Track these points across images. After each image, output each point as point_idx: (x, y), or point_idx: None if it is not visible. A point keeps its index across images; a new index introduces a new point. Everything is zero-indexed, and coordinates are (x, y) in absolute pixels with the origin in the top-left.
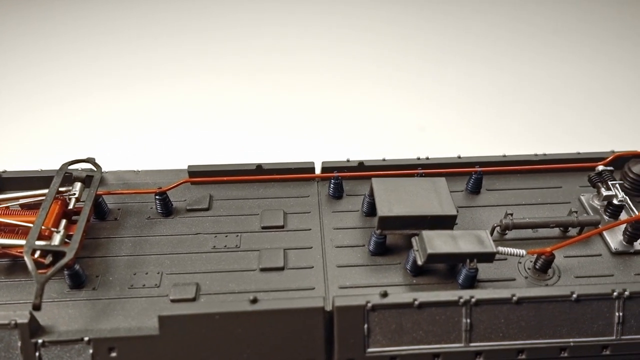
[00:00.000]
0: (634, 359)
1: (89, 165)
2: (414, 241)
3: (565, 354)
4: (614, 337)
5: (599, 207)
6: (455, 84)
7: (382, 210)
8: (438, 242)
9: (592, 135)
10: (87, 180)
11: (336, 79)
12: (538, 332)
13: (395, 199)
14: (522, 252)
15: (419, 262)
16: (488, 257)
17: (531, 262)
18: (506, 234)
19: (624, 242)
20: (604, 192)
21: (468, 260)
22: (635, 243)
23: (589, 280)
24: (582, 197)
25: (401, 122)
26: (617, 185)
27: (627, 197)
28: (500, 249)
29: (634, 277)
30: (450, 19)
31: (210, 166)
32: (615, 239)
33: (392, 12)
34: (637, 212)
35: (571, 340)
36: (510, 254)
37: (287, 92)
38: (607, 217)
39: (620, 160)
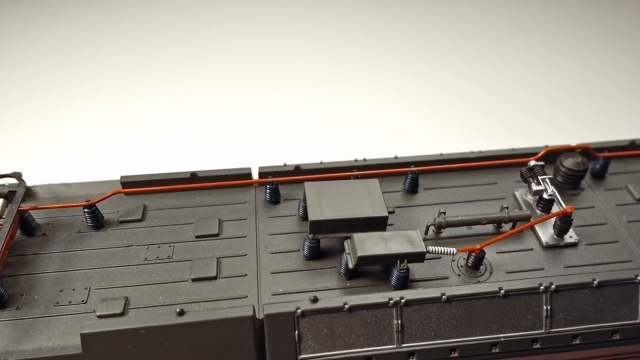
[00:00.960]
0: (564, 350)
1: (14, 180)
2: (346, 244)
3: (497, 350)
4: (543, 331)
5: (532, 202)
6: (393, 84)
7: (313, 214)
8: (369, 244)
9: (530, 130)
10: (9, 195)
11: (283, 78)
12: (469, 329)
13: (327, 203)
14: (453, 250)
15: (350, 266)
16: (418, 257)
17: (464, 259)
18: (441, 232)
19: (555, 236)
20: (534, 187)
21: (398, 261)
22: (565, 236)
23: (519, 275)
24: (516, 193)
25: (340, 123)
26: (547, 180)
27: (556, 191)
28: (431, 248)
29: (564, 269)
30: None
31: (143, 176)
32: (546, 233)
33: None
34: (564, 206)
35: (502, 335)
36: (441, 253)
37: (224, 95)
38: (539, 212)
39: (553, 155)
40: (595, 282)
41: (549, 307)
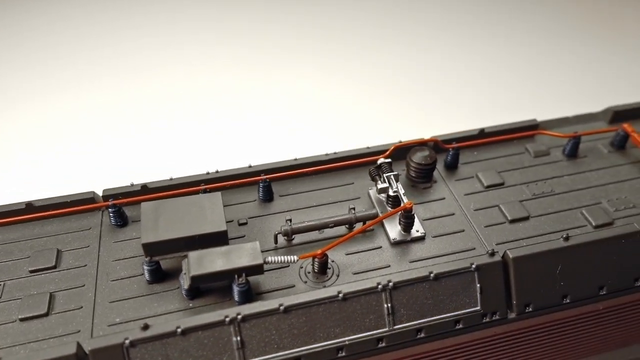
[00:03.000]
0: (410, 345)
1: None
2: (184, 264)
3: (343, 353)
4: (387, 329)
5: (384, 199)
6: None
7: (146, 236)
8: (206, 261)
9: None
10: None
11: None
12: (312, 337)
13: (164, 222)
14: (294, 258)
15: (185, 286)
16: (257, 270)
17: (311, 265)
18: (293, 239)
19: (402, 232)
20: (380, 185)
21: (236, 276)
22: (412, 230)
23: (366, 275)
24: (370, 192)
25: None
26: (392, 177)
27: (400, 188)
28: (270, 258)
29: (409, 264)
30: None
31: None
32: (394, 229)
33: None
34: (404, 202)
35: (346, 339)
36: (281, 262)
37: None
38: (390, 209)
39: (402, 151)
40: (432, 275)
41: (389, 305)
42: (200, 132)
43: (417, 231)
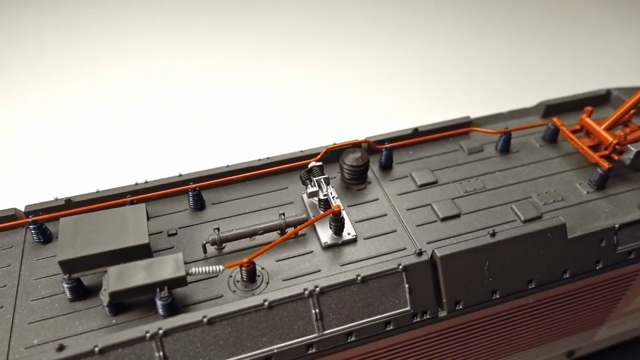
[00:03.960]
0: (341, 349)
1: None
2: (104, 280)
3: None
4: (316, 334)
5: (316, 203)
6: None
7: (63, 253)
8: (126, 276)
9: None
10: None
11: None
12: (239, 347)
13: (83, 238)
14: (219, 268)
15: (104, 303)
16: (180, 282)
17: (240, 274)
18: (223, 247)
19: (333, 235)
20: (309, 189)
21: (159, 289)
22: (343, 233)
23: (296, 280)
24: (303, 196)
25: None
26: (322, 180)
27: (331, 191)
28: (194, 269)
29: (340, 268)
30: None
31: None
32: (326, 233)
33: None
34: (333, 205)
35: (274, 347)
36: (206, 273)
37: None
38: (322, 212)
39: (337, 153)
40: (359, 278)
41: (317, 311)
42: (131, 142)
43: (349, 234)
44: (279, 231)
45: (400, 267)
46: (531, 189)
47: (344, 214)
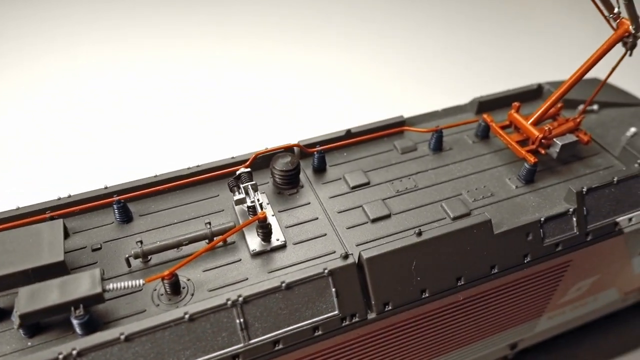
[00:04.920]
0: (268, 357)
1: None
2: (16, 301)
3: None
4: (241, 344)
5: (246, 211)
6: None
7: None
8: (38, 296)
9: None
10: None
11: None
12: None
13: None
14: (139, 282)
15: (15, 326)
16: (96, 299)
17: (164, 287)
18: (149, 260)
19: (262, 242)
20: (235, 197)
21: (73, 308)
22: (272, 239)
23: (222, 290)
24: (234, 203)
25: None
26: (250, 187)
27: (261, 197)
28: (112, 285)
29: (267, 275)
30: None
31: None
32: (254, 240)
33: None
34: (259, 212)
35: None
36: (126, 288)
37: None
38: None
39: (268, 158)
40: (284, 284)
41: (242, 320)
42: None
43: (278, 240)
44: (207, 241)
45: (326, 271)
46: (462, 186)
47: (273, 220)
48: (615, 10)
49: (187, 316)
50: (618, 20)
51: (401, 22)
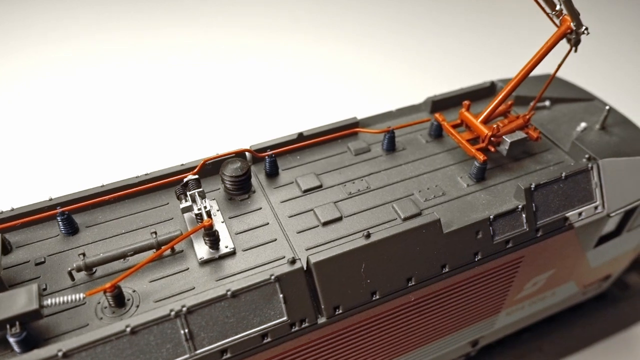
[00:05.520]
0: None
1: None
2: None
3: None
4: (187, 355)
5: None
6: None
7: None
8: None
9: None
10: None
11: None
12: None
13: None
14: (80, 296)
15: None
16: (33, 316)
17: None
18: (94, 272)
19: (210, 250)
20: (182, 205)
21: (9, 326)
22: (221, 246)
23: (168, 300)
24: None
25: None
26: (197, 194)
27: (209, 204)
28: (50, 301)
29: (216, 283)
30: None
31: None
32: (202, 248)
33: None
34: (205, 219)
35: None
36: (66, 302)
37: None
38: None
39: (218, 164)
40: (229, 292)
41: (187, 331)
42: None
43: (227, 247)
44: (154, 250)
45: (273, 277)
46: (414, 186)
47: (223, 226)
48: (557, 7)
49: (128, 329)
50: (560, 17)
51: (357, 22)
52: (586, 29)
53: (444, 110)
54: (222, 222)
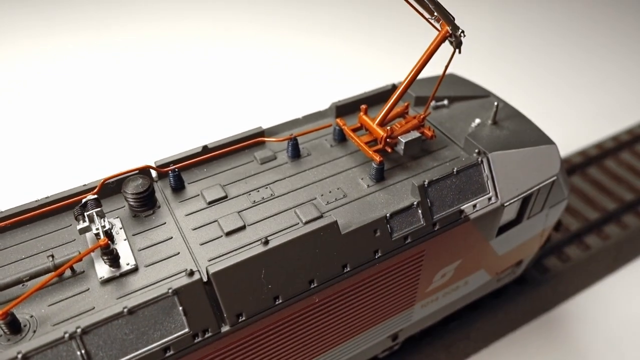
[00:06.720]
0: None
1: None
2: None
3: None
4: None
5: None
6: None
7: None
8: None
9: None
10: None
11: None
12: None
13: None
14: None
15: None
16: None
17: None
18: None
19: (111, 268)
20: (79, 226)
21: None
22: (122, 264)
23: (67, 323)
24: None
25: None
26: (95, 214)
27: (113, 223)
28: None
29: (116, 301)
30: None
31: None
32: (103, 268)
33: None
34: (100, 239)
35: None
36: None
37: None
38: None
39: (120, 182)
40: (125, 310)
41: (83, 352)
42: None
43: (128, 264)
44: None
45: (170, 290)
46: (317, 190)
47: (125, 244)
48: (435, 13)
49: (20, 356)
50: (440, 22)
51: (265, 26)
52: (462, 31)
53: (349, 115)
54: (125, 240)
